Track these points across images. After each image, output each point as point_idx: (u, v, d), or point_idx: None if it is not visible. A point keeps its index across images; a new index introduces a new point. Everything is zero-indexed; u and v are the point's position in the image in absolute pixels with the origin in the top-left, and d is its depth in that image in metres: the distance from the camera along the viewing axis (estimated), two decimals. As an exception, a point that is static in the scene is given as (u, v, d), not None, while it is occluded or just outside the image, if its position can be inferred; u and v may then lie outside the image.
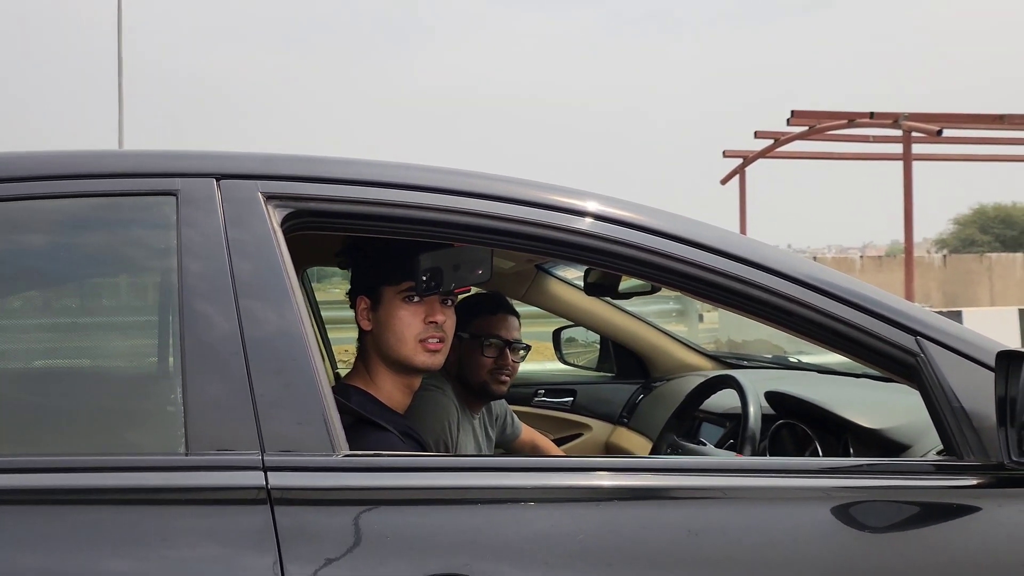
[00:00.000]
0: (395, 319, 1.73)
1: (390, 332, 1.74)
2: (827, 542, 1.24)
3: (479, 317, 2.42)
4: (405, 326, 1.73)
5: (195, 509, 1.17)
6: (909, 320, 1.37)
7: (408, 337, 1.73)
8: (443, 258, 1.67)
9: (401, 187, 1.37)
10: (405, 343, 1.73)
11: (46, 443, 1.28)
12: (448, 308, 1.77)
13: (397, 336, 1.73)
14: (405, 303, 1.72)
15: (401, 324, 1.73)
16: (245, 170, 1.35)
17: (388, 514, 1.20)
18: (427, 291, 1.67)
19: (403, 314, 1.73)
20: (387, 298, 1.74)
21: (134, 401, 1.38)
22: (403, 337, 1.73)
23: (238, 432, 1.19)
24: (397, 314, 1.73)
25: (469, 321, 2.37)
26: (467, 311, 2.36)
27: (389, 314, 1.73)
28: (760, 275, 1.37)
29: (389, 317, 1.73)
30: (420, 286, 1.66)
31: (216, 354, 1.22)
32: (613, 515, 1.24)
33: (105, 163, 1.35)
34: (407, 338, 1.73)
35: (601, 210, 1.40)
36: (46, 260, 1.40)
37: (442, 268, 1.67)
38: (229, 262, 1.27)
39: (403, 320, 1.72)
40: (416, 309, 1.73)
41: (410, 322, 1.72)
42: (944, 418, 1.34)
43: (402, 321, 1.72)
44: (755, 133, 13.61)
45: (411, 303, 1.72)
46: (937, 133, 11.46)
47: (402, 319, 1.72)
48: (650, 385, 3.23)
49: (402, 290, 1.72)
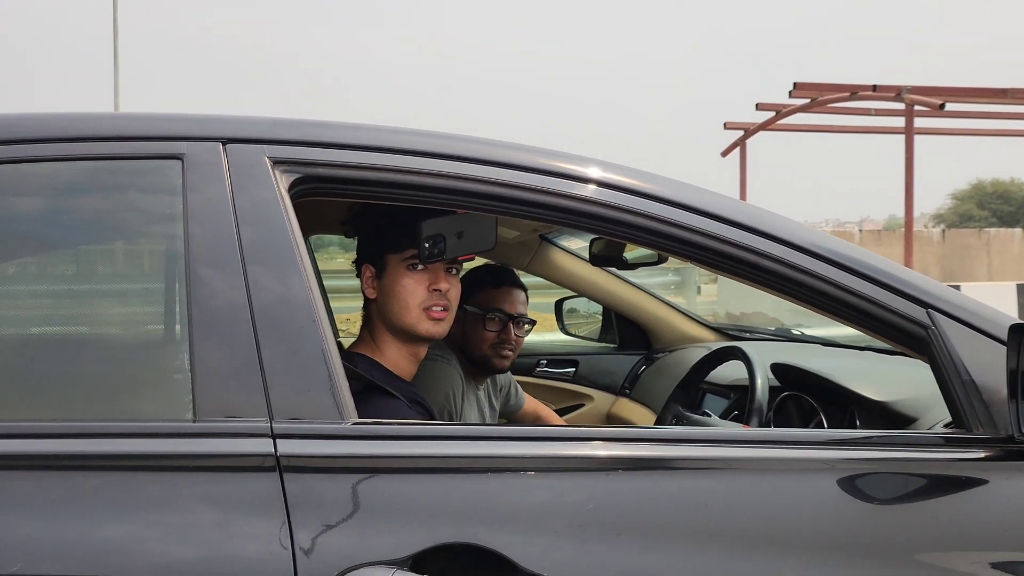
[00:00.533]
0: (399, 287, 1.72)
1: (394, 300, 1.73)
2: (834, 513, 1.24)
3: (483, 290, 2.39)
4: (409, 293, 1.72)
5: (203, 476, 1.16)
6: (920, 292, 1.36)
7: (412, 305, 1.72)
8: (446, 225, 1.66)
9: (409, 153, 1.36)
10: (409, 311, 1.73)
11: (53, 409, 1.28)
12: (453, 276, 1.76)
13: (401, 304, 1.73)
14: (409, 271, 1.72)
15: (405, 292, 1.72)
16: (252, 134, 1.33)
17: (396, 482, 1.19)
18: (430, 258, 1.66)
19: (407, 282, 1.72)
20: (391, 266, 1.73)
21: (141, 368, 1.37)
22: (407, 305, 1.72)
23: (246, 399, 1.18)
24: (401, 282, 1.72)
25: (473, 293, 2.34)
26: (471, 283, 2.34)
27: (393, 282, 1.73)
28: (771, 245, 1.36)
29: (393, 285, 1.73)
30: (423, 253, 1.65)
31: (223, 321, 1.21)
32: (621, 485, 1.24)
33: (110, 126, 1.33)
34: (411, 306, 1.72)
35: (611, 178, 1.38)
36: (50, 225, 1.38)
37: (445, 236, 1.66)
38: (236, 228, 1.26)
39: (407, 288, 1.72)
40: (420, 277, 1.72)
41: (414, 290, 1.72)
42: (954, 390, 1.33)
43: (406, 289, 1.72)
44: (756, 105, 13.55)
45: (415, 271, 1.72)
46: (940, 107, 11.40)
47: (406, 287, 1.72)
48: (652, 356, 3.23)
49: (406, 257, 1.71)
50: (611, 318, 3.41)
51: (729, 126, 15.01)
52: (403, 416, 1.62)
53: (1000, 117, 13.80)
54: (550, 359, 3.33)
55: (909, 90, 11.54)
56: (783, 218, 1.43)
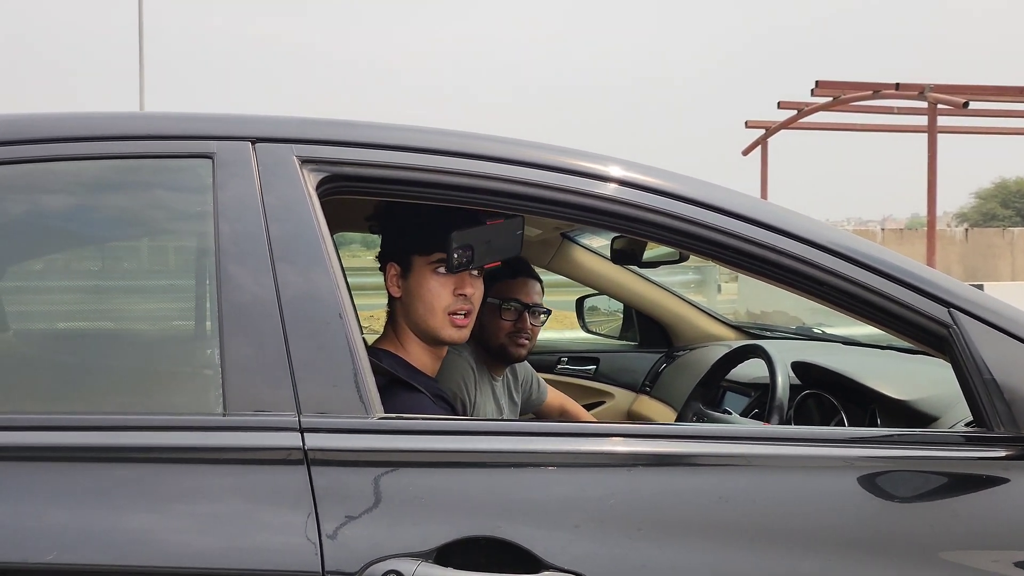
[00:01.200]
0: (425, 289, 1.73)
1: (419, 302, 1.74)
2: (854, 511, 1.25)
3: (499, 280, 2.41)
4: (435, 297, 1.73)
5: (233, 468, 1.18)
6: (942, 291, 1.36)
7: (437, 308, 1.74)
8: (476, 235, 1.67)
9: (435, 152, 1.37)
10: (434, 314, 1.74)
11: (87, 402, 1.30)
12: (477, 279, 1.78)
13: (426, 306, 1.74)
14: (435, 274, 1.73)
15: (431, 295, 1.73)
16: (280, 134, 1.35)
17: (421, 476, 1.21)
18: (459, 268, 1.67)
19: (433, 285, 1.73)
20: (417, 267, 1.74)
21: (173, 362, 1.40)
22: (432, 308, 1.74)
23: (275, 393, 1.20)
24: (427, 284, 1.73)
25: (489, 284, 2.37)
26: (487, 275, 2.36)
27: (419, 283, 1.74)
28: (792, 244, 1.37)
29: (419, 287, 1.74)
30: (452, 263, 1.66)
31: (252, 317, 1.23)
32: (642, 481, 1.25)
33: (142, 125, 1.36)
34: (436, 309, 1.74)
35: (633, 177, 1.39)
36: (83, 223, 1.41)
37: (474, 245, 1.67)
38: (265, 225, 1.28)
39: (433, 291, 1.73)
40: (445, 280, 1.73)
41: (440, 293, 1.73)
42: (975, 389, 1.33)
43: (432, 292, 1.73)
44: (778, 103, 13.47)
45: (441, 275, 1.73)
46: (963, 105, 11.30)
47: (432, 290, 1.73)
48: (673, 354, 3.24)
49: (433, 261, 1.72)
50: (632, 316, 3.43)
51: (751, 125, 14.94)
52: (427, 411, 1.63)
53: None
54: (571, 356, 3.35)
55: (932, 88, 11.45)
56: (804, 216, 1.43)
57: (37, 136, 1.33)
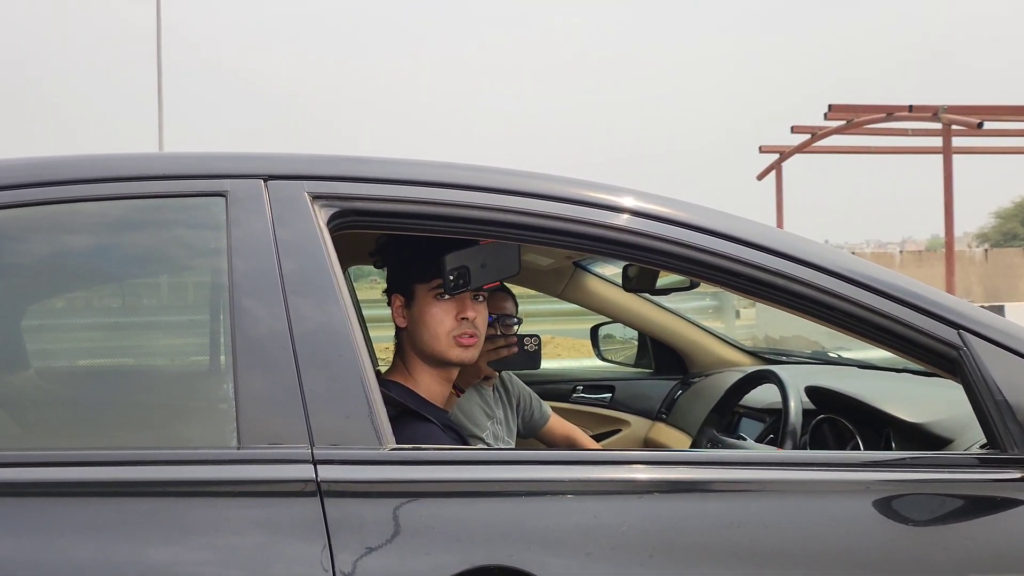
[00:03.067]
0: (428, 316, 1.77)
1: (424, 329, 1.77)
2: (869, 535, 1.24)
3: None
4: (438, 323, 1.76)
5: (247, 501, 1.20)
6: (951, 313, 1.37)
7: (441, 333, 1.77)
8: (470, 257, 1.69)
9: (444, 186, 1.39)
10: (439, 339, 1.77)
11: (104, 437, 1.32)
12: (479, 303, 1.81)
13: (431, 332, 1.77)
14: (437, 300, 1.76)
15: (434, 321, 1.76)
16: (292, 171, 1.38)
17: (434, 506, 1.22)
18: (455, 290, 1.70)
19: (435, 311, 1.76)
20: (420, 295, 1.77)
21: (188, 397, 1.42)
22: (436, 333, 1.77)
23: (288, 426, 1.22)
24: (430, 311, 1.76)
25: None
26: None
27: (422, 311, 1.77)
28: (801, 270, 1.38)
29: (422, 314, 1.77)
30: (448, 285, 1.69)
31: (266, 350, 1.25)
32: (654, 508, 1.26)
33: (157, 165, 1.39)
34: (440, 334, 1.77)
35: (641, 206, 1.41)
36: (101, 261, 1.44)
37: (469, 267, 1.69)
38: (277, 261, 1.30)
39: (436, 317, 1.76)
40: (447, 306, 1.76)
41: (442, 319, 1.76)
42: (987, 411, 1.33)
43: (435, 318, 1.76)
44: (792, 128, 13.48)
45: (442, 300, 1.76)
46: (978, 126, 11.28)
47: (435, 316, 1.76)
48: (688, 381, 3.23)
49: (433, 287, 1.76)
50: (647, 343, 3.42)
51: (764, 149, 14.94)
52: (438, 441, 1.65)
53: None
54: (586, 385, 3.35)
55: (946, 109, 11.42)
56: (812, 242, 1.44)
57: (59, 178, 1.36)
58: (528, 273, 3.03)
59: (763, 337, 9.44)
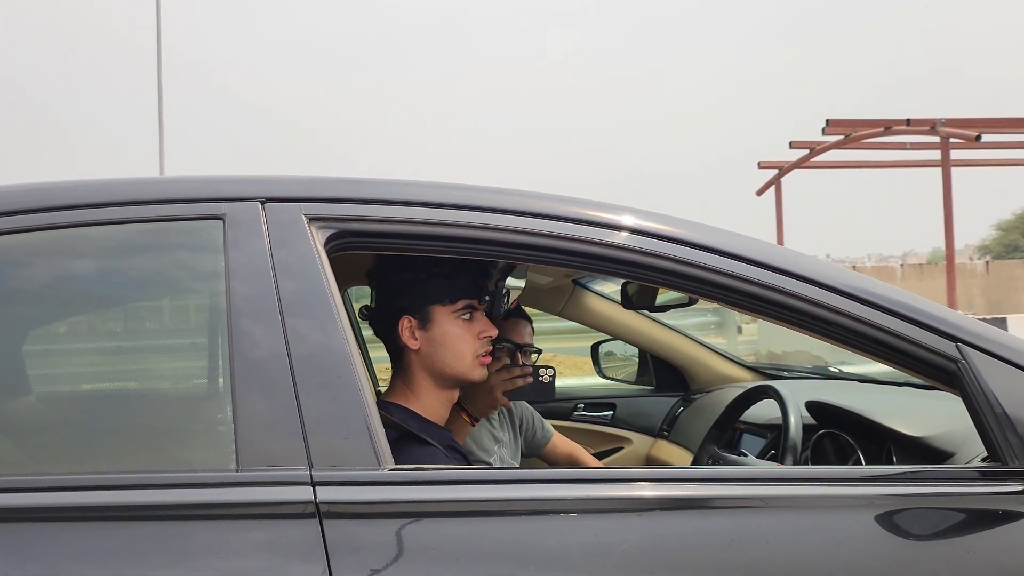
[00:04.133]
0: (452, 337, 1.77)
1: (447, 350, 1.77)
2: (872, 550, 1.24)
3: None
4: (464, 343, 1.77)
5: (246, 523, 1.19)
6: (949, 326, 1.37)
7: (467, 353, 1.78)
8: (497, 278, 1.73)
9: (441, 206, 1.40)
10: (464, 359, 1.78)
11: (104, 461, 1.32)
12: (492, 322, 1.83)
13: (456, 354, 1.77)
14: (461, 321, 1.77)
15: (461, 342, 1.77)
16: (288, 193, 1.38)
17: (433, 526, 1.22)
18: (495, 309, 1.72)
19: (459, 332, 1.77)
20: (439, 317, 1.77)
21: (187, 420, 1.42)
22: (462, 354, 1.77)
23: (287, 448, 1.22)
24: (454, 332, 1.77)
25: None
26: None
27: (444, 332, 1.77)
28: (798, 285, 1.38)
29: (444, 335, 1.77)
30: (488, 305, 1.72)
31: (264, 373, 1.25)
32: (655, 525, 1.25)
33: (154, 190, 1.39)
34: (466, 355, 1.78)
35: (639, 224, 1.42)
36: (100, 285, 1.44)
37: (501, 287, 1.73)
38: (275, 283, 1.30)
39: (461, 338, 1.77)
40: (470, 326, 1.78)
41: (468, 339, 1.77)
42: (987, 424, 1.33)
43: (461, 339, 1.77)
44: (790, 143, 13.53)
45: (467, 321, 1.77)
46: (976, 138, 11.32)
47: (460, 337, 1.77)
48: (690, 397, 3.23)
49: (458, 308, 1.76)
50: (647, 360, 3.43)
51: (764, 165, 14.99)
52: (440, 463, 1.64)
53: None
54: (588, 403, 3.35)
55: (943, 123, 11.47)
56: (809, 257, 1.44)
57: (60, 204, 1.36)
58: (527, 292, 3.03)
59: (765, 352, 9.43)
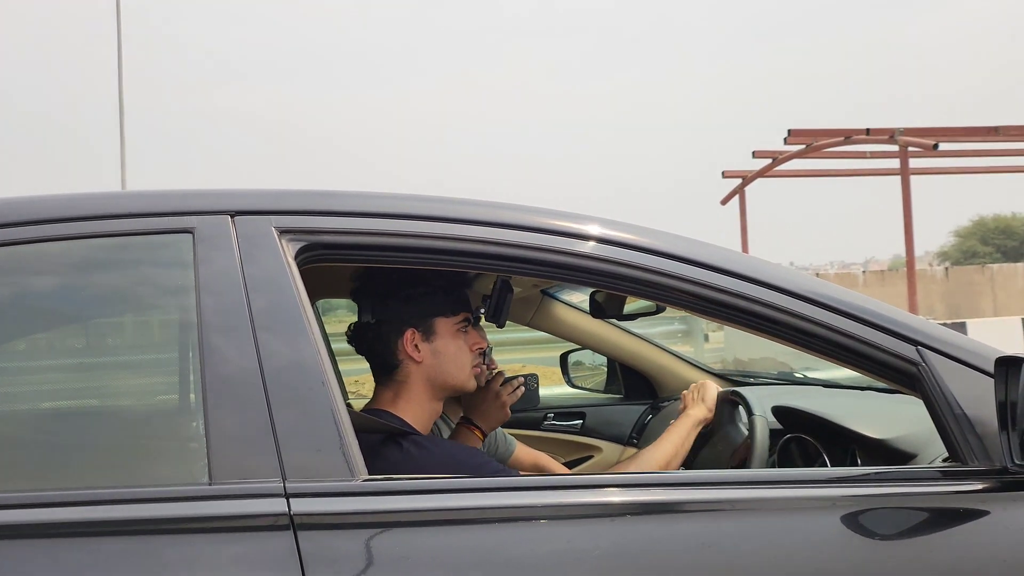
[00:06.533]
0: (455, 348, 1.80)
1: (449, 362, 1.80)
2: (838, 550, 1.27)
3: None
4: (465, 355, 1.82)
5: (220, 536, 1.19)
6: (909, 330, 1.40)
7: (466, 365, 1.82)
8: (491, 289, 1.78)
9: (409, 217, 1.41)
10: (463, 370, 1.82)
11: (76, 478, 1.31)
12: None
13: (458, 365, 1.81)
14: (461, 334, 1.81)
15: (461, 354, 1.81)
16: (258, 206, 1.38)
17: (408, 535, 1.22)
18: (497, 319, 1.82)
19: (460, 344, 1.81)
20: (442, 329, 1.79)
21: (159, 435, 1.41)
22: (462, 365, 1.81)
23: (260, 461, 1.21)
24: (455, 343, 1.80)
25: None
26: None
27: (447, 345, 1.80)
28: (763, 291, 1.41)
29: (447, 348, 1.79)
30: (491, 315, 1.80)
31: (236, 387, 1.25)
32: (627, 530, 1.27)
33: (123, 204, 1.39)
34: (466, 366, 1.82)
35: (606, 233, 1.44)
36: (69, 301, 1.43)
37: None
38: (246, 297, 1.30)
39: (463, 349, 1.82)
40: (467, 339, 1.83)
41: (466, 351, 1.82)
42: (947, 425, 1.36)
43: (461, 351, 1.81)
44: (753, 153, 13.68)
45: (465, 333, 1.82)
46: (933, 147, 11.51)
47: (461, 349, 1.81)
48: (658, 405, 3.25)
49: (459, 321, 1.80)
50: (616, 369, 3.44)
51: (728, 175, 15.13)
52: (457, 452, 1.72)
53: (994, 155, 13.88)
54: (557, 412, 3.36)
55: (902, 132, 11.66)
56: (774, 265, 1.47)
57: (22, 219, 1.35)
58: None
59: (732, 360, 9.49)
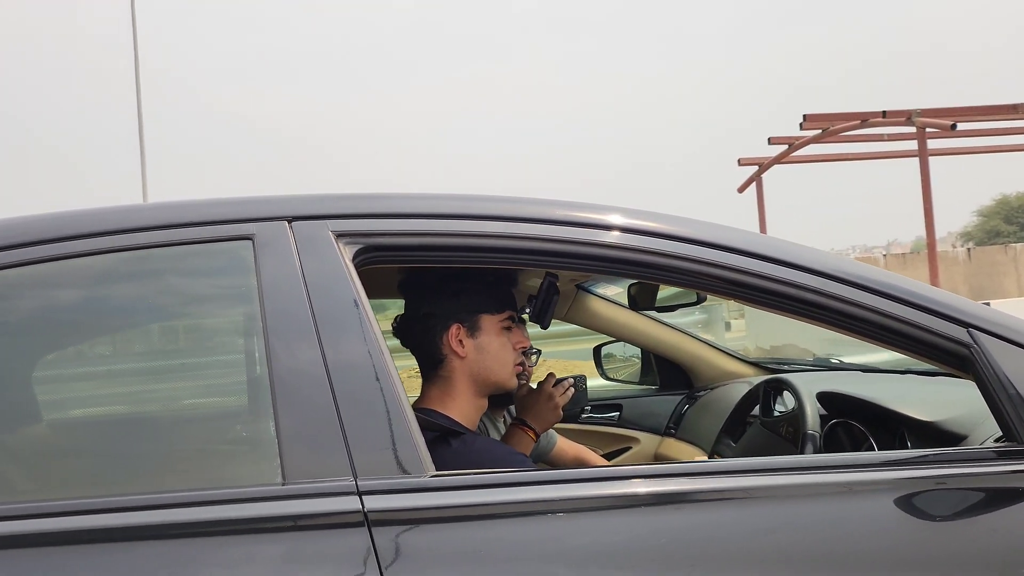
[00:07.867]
0: (499, 345, 1.83)
1: (492, 359, 1.82)
2: (894, 534, 1.27)
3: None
4: (508, 352, 1.84)
5: (296, 535, 1.21)
6: (960, 313, 1.41)
7: (509, 362, 1.85)
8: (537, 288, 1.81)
9: (461, 217, 1.43)
10: (506, 367, 1.84)
11: (151, 481, 1.34)
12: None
13: (501, 362, 1.83)
14: (505, 332, 1.84)
15: (505, 351, 1.83)
16: (315, 211, 1.42)
17: (479, 529, 1.24)
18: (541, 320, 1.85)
19: (504, 341, 1.84)
20: (487, 326, 1.82)
21: (231, 437, 1.44)
22: (505, 363, 1.84)
23: (331, 460, 1.24)
24: (499, 341, 1.83)
25: None
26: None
27: (491, 342, 1.82)
28: (811, 279, 1.42)
29: (490, 344, 1.82)
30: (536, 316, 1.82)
31: (303, 387, 1.28)
32: (688, 519, 1.29)
33: (184, 213, 1.42)
34: (509, 363, 1.85)
35: (659, 228, 1.46)
36: (138, 310, 1.47)
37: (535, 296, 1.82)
38: (308, 299, 1.33)
39: (506, 347, 1.84)
40: (511, 337, 1.85)
41: (510, 348, 1.85)
42: (1002, 405, 1.37)
43: (505, 348, 1.84)
44: (769, 139, 13.59)
45: (509, 332, 1.84)
46: (951, 127, 11.39)
47: (505, 346, 1.84)
48: (694, 395, 3.27)
49: (503, 319, 1.82)
50: (650, 360, 3.46)
51: (744, 162, 15.04)
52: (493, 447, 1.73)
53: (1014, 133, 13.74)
54: (594, 405, 3.38)
55: (919, 113, 11.54)
56: (818, 251, 1.48)
57: (84, 232, 1.39)
58: (530, 297, 3.07)
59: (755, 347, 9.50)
